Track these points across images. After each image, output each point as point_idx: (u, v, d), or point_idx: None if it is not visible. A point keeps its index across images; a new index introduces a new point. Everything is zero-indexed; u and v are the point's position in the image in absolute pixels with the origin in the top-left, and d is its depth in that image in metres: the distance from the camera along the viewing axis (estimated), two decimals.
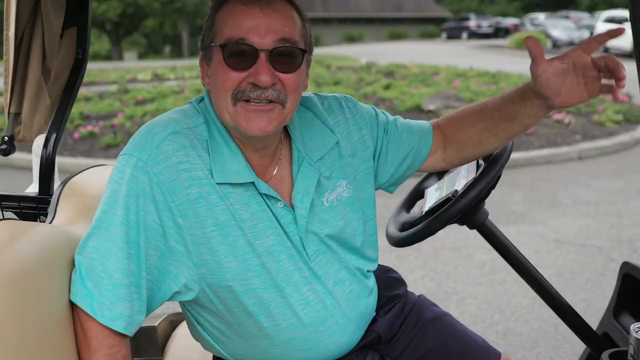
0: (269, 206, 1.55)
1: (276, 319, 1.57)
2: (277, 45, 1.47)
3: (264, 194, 1.55)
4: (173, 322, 2.20)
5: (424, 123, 1.91)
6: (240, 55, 1.46)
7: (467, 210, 1.87)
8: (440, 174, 2.18)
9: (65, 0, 2.16)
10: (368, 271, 1.77)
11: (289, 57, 1.49)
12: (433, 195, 2.04)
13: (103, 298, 1.42)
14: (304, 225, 1.59)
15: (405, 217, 2.15)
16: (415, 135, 1.86)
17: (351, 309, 1.68)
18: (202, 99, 1.61)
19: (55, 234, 1.51)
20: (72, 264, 1.47)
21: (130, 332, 1.47)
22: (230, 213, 1.50)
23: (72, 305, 1.45)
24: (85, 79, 2.20)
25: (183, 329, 2.14)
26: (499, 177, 1.88)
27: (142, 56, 41.89)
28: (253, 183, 1.53)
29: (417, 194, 2.21)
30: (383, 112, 1.87)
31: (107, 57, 41.54)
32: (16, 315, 1.26)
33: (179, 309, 2.03)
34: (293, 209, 1.59)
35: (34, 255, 1.37)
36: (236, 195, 1.51)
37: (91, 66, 22.25)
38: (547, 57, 1.61)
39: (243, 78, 1.47)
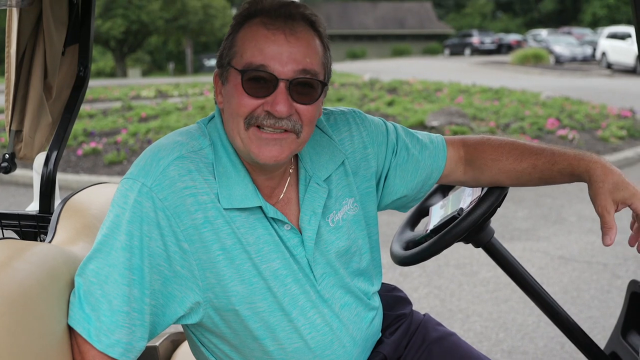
0: (275, 229, 1.52)
1: (282, 343, 1.54)
2: (297, 75, 1.44)
3: (271, 217, 1.52)
4: (174, 342, 2.18)
5: (439, 142, 1.84)
6: (259, 82, 1.43)
7: (472, 229, 1.84)
8: (445, 192, 2.16)
9: (67, 17, 2.15)
10: (373, 292, 1.74)
11: (308, 88, 1.46)
12: (438, 213, 2.02)
13: (100, 324, 1.39)
14: (311, 247, 1.56)
15: (409, 235, 2.12)
16: (427, 160, 1.81)
17: (358, 332, 1.65)
18: (211, 118, 1.58)
19: (55, 253, 1.49)
20: (71, 285, 1.45)
21: (129, 358, 1.43)
22: (236, 237, 1.47)
23: (70, 328, 1.42)
24: (89, 95, 2.20)
25: (184, 349, 2.11)
26: (505, 196, 1.86)
27: (145, 73, 42.04)
28: (260, 207, 1.51)
29: (422, 212, 2.18)
30: (395, 129, 1.81)
31: (111, 74, 41.71)
32: (13, 337, 1.24)
33: (180, 328, 2.00)
34: (300, 231, 1.56)
35: (33, 275, 1.35)
36: (242, 219, 1.49)
37: (95, 83, 22.40)
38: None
39: (259, 105, 1.44)
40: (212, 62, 40.84)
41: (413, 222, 2.20)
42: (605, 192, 1.60)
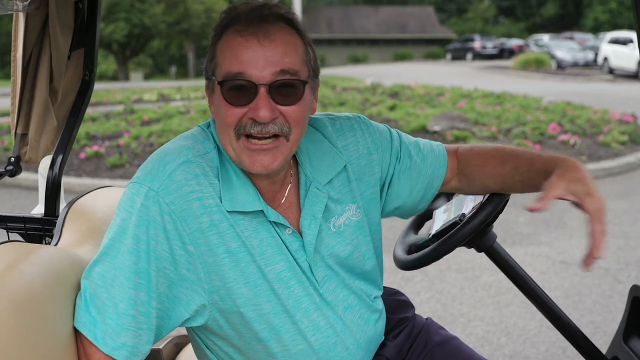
0: (277, 233, 1.54)
1: (286, 345, 1.55)
2: (276, 78, 1.43)
3: (273, 221, 1.53)
4: (178, 345, 2.18)
5: (440, 151, 1.85)
6: (240, 90, 1.43)
7: (474, 234, 1.85)
8: (449, 195, 2.17)
9: (72, 22, 2.17)
10: (376, 296, 1.75)
11: (290, 89, 1.45)
12: (441, 217, 2.03)
13: (106, 326, 1.40)
14: (311, 251, 1.57)
15: (413, 238, 2.14)
16: (429, 168, 1.82)
17: (361, 334, 1.66)
18: (209, 125, 1.59)
19: (61, 256, 1.50)
20: (77, 288, 1.46)
21: None
22: (240, 240, 1.49)
23: (76, 330, 1.43)
24: (92, 99, 2.21)
25: (188, 351, 2.12)
26: (506, 202, 1.87)
27: (148, 77, 42.14)
28: (262, 211, 1.52)
29: (426, 215, 2.19)
30: (399, 136, 1.81)
31: (114, 78, 41.82)
32: (20, 339, 1.25)
33: (183, 331, 2.01)
34: (301, 235, 1.57)
35: (39, 278, 1.36)
36: (246, 223, 1.50)
37: (97, 86, 22.40)
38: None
39: (244, 113, 1.44)
40: None
41: (417, 225, 2.21)
42: (562, 179, 1.55)
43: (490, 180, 1.79)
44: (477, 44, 46.11)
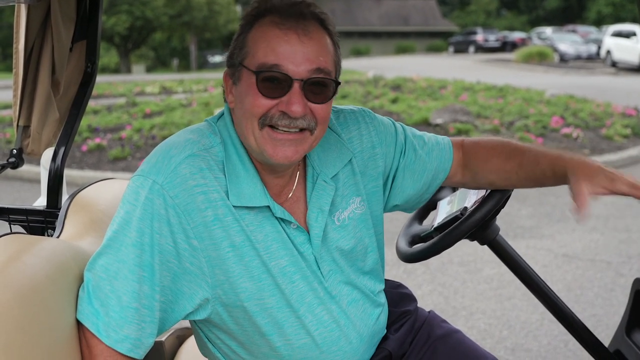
0: (283, 228, 1.53)
1: (289, 339, 1.55)
2: (311, 75, 1.44)
3: (279, 217, 1.53)
4: (180, 337, 2.19)
5: (445, 144, 1.85)
6: (274, 82, 1.43)
7: (475, 228, 1.85)
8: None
9: (75, 14, 2.16)
10: (379, 290, 1.75)
11: (322, 87, 1.46)
12: (444, 209, 2.03)
13: (109, 319, 1.40)
14: (318, 244, 1.57)
15: (416, 230, 2.13)
16: (434, 162, 1.81)
17: (364, 328, 1.66)
18: (220, 116, 1.59)
19: (63, 248, 1.50)
20: (80, 279, 1.46)
21: (137, 354, 1.44)
22: (245, 234, 1.48)
23: (79, 322, 1.43)
24: (94, 91, 2.20)
25: (190, 344, 2.12)
26: (508, 197, 1.86)
27: (150, 69, 42.10)
28: (268, 206, 1.52)
29: (430, 205, 2.19)
30: (403, 130, 1.81)
31: (116, 70, 41.79)
32: (23, 330, 1.25)
33: (186, 324, 2.01)
34: (307, 229, 1.57)
35: (41, 270, 1.36)
36: (251, 217, 1.50)
37: (99, 79, 22.39)
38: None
39: (273, 105, 1.44)
40: (216, 58, 40.90)
41: (421, 215, 2.20)
42: (581, 180, 1.59)
43: (494, 176, 1.79)
44: (479, 37, 46.03)
